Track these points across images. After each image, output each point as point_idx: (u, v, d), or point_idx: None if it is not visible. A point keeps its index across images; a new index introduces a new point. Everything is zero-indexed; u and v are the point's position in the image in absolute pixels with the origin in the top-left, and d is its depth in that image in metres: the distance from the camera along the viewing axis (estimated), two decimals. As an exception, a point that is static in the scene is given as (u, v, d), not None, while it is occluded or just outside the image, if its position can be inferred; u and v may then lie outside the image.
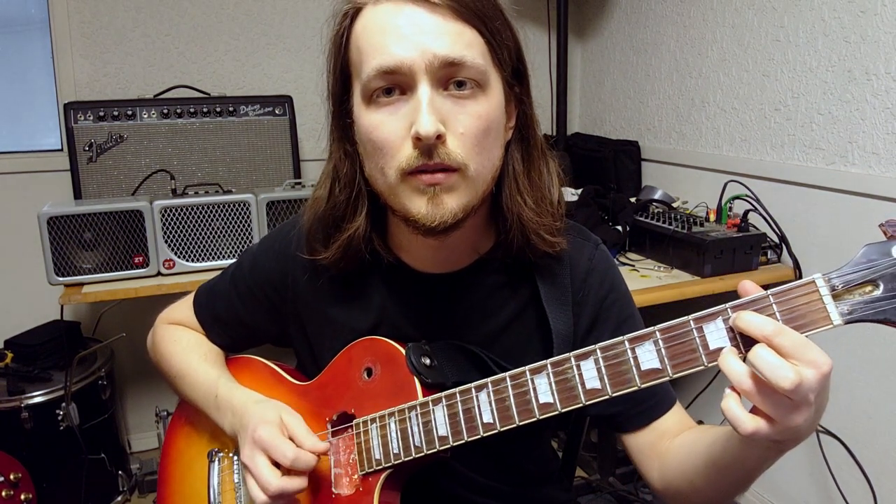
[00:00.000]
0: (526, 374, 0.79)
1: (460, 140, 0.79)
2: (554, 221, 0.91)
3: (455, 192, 0.80)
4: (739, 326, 0.65)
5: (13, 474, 2.06)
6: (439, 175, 0.79)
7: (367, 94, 0.81)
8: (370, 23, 0.81)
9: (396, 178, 0.80)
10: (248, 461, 0.91)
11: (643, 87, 2.76)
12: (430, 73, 0.77)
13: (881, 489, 1.90)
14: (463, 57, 0.78)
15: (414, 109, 0.78)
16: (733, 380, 0.64)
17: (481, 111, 0.81)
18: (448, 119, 0.78)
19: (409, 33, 0.77)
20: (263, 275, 1.08)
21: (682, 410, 0.98)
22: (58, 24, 2.43)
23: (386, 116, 0.80)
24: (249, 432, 0.92)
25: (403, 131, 0.79)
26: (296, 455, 0.89)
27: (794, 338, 0.62)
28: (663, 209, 2.29)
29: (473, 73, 0.79)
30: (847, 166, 1.92)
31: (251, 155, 2.49)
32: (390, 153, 0.80)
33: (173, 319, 1.20)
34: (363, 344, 0.97)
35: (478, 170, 0.81)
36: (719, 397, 0.66)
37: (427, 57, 0.77)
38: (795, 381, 0.60)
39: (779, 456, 0.74)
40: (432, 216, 0.80)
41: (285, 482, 0.89)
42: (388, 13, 0.79)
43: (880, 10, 1.79)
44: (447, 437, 0.85)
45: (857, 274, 0.64)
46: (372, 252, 0.94)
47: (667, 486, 0.92)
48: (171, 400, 2.48)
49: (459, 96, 0.79)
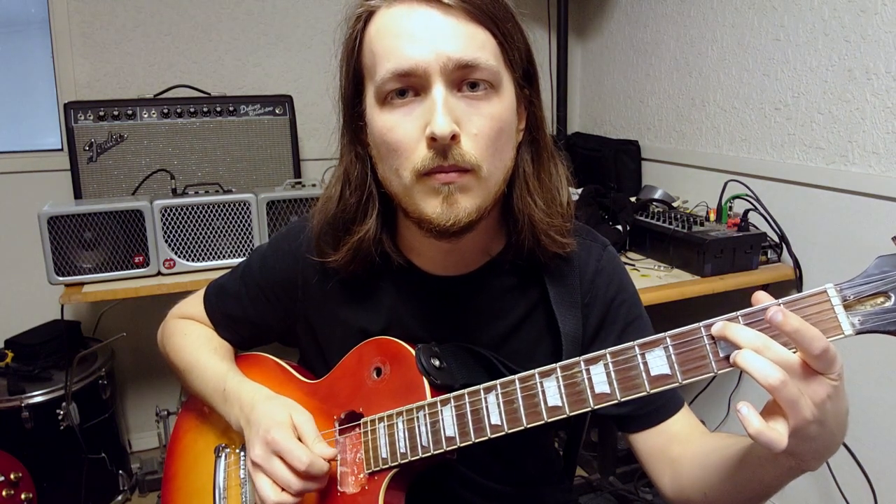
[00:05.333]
0: (535, 377, 0.79)
1: (474, 141, 0.79)
2: (564, 222, 0.92)
3: (469, 193, 0.81)
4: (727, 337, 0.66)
5: (13, 474, 2.06)
6: (453, 174, 0.79)
7: (380, 96, 0.81)
8: (383, 25, 0.81)
9: (411, 179, 0.80)
10: (262, 461, 0.90)
11: (643, 86, 2.76)
12: (445, 74, 0.78)
13: (881, 489, 1.90)
14: (476, 58, 0.78)
15: (428, 110, 0.78)
16: (759, 375, 0.63)
17: (494, 112, 0.81)
18: (462, 120, 0.79)
19: (422, 35, 0.78)
20: (273, 274, 1.08)
21: (691, 414, 0.98)
22: (58, 24, 2.43)
23: (400, 118, 0.80)
24: (261, 433, 0.92)
25: (418, 132, 0.79)
26: (311, 460, 0.88)
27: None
28: (663, 208, 2.30)
29: (486, 74, 0.79)
30: (847, 166, 1.93)
31: (251, 154, 2.48)
32: (405, 154, 0.80)
33: (184, 314, 1.20)
34: (373, 343, 0.97)
35: (490, 171, 0.82)
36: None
37: (441, 59, 0.77)
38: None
39: (797, 474, 0.73)
40: (447, 216, 0.80)
41: (305, 483, 0.89)
42: (401, 15, 0.79)
43: (880, 10, 1.79)
44: (454, 438, 0.85)
45: (870, 285, 0.64)
46: (382, 254, 0.94)
47: (678, 495, 0.91)
48: (172, 399, 2.51)
49: (473, 97, 0.80)
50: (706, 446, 0.89)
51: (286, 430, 0.91)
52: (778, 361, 0.63)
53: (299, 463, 0.88)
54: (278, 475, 0.88)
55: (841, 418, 0.68)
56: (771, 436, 0.63)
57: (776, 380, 0.62)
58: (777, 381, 0.62)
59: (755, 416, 0.63)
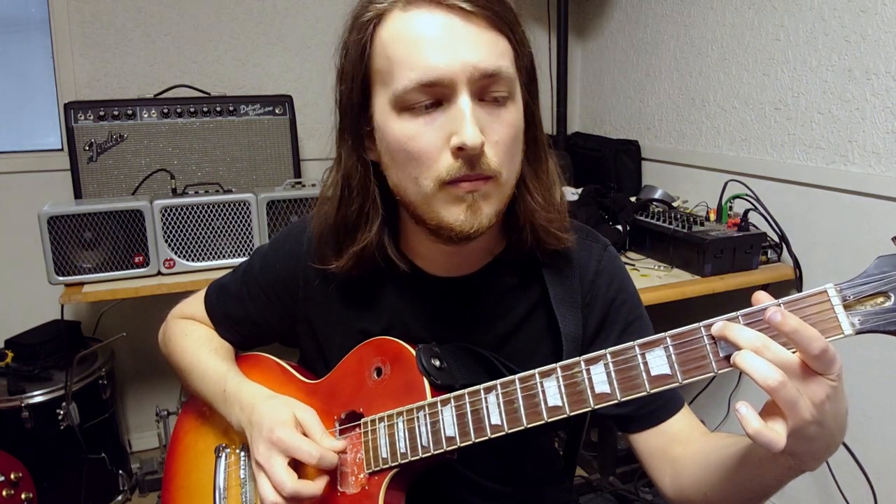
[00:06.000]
0: (535, 377, 0.79)
1: (495, 148, 0.80)
2: (561, 218, 0.93)
3: (490, 199, 0.82)
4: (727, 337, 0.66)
5: (14, 474, 2.06)
6: (479, 182, 0.80)
7: (400, 104, 0.80)
8: (401, 31, 0.79)
9: (434, 187, 0.80)
10: (264, 461, 0.90)
11: (643, 86, 2.76)
12: (470, 84, 0.77)
13: (881, 489, 1.90)
14: (500, 68, 0.79)
15: (454, 120, 0.78)
16: (758, 376, 0.63)
17: (511, 119, 0.82)
18: (485, 128, 0.79)
19: (446, 45, 0.77)
20: (274, 274, 1.08)
21: (691, 414, 0.98)
22: (58, 24, 2.43)
23: (422, 127, 0.79)
24: (265, 432, 0.91)
25: (441, 142, 0.79)
26: (321, 454, 0.88)
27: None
28: (663, 208, 2.30)
29: (506, 83, 0.80)
30: (847, 165, 1.93)
31: (251, 154, 2.48)
32: (427, 163, 0.80)
33: (185, 314, 1.20)
34: (374, 344, 0.97)
35: (508, 176, 0.83)
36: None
37: (468, 69, 0.77)
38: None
39: (796, 475, 0.74)
40: (470, 224, 0.81)
41: (301, 485, 0.88)
42: (421, 22, 0.78)
43: (880, 10, 1.80)
44: (454, 438, 0.85)
45: (870, 285, 0.64)
46: (385, 258, 0.94)
47: (679, 495, 0.91)
48: (172, 399, 2.51)
49: (494, 105, 0.80)
50: (706, 446, 0.89)
51: (290, 427, 0.91)
52: (777, 362, 0.63)
53: (310, 458, 0.88)
54: (275, 474, 0.88)
55: (840, 419, 0.68)
56: (769, 436, 0.63)
57: (774, 381, 0.62)
58: (775, 382, 0.62)
59: (754, 416, 0.63)
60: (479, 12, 0.77)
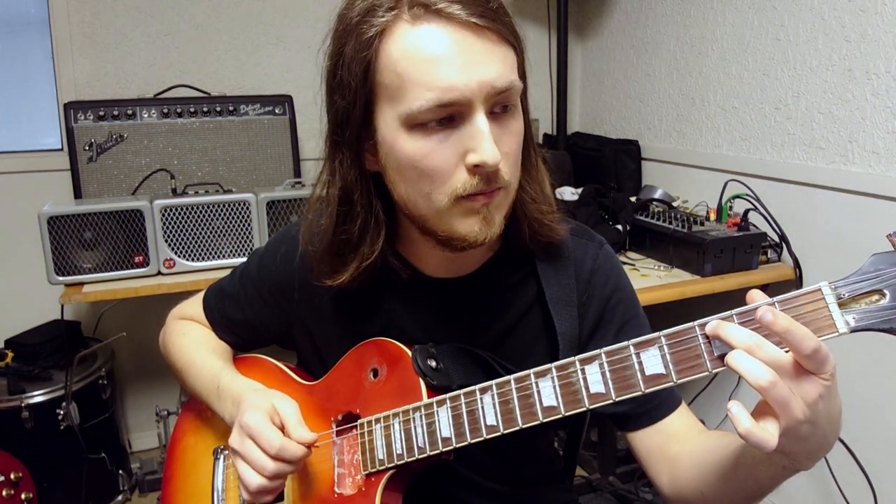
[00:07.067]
0: (531, 377, 0.79)
1: (506, 159, 0.80)
2: (553, 209, 0.93)
3: (500, 208, 0.83)
4: (720, 336, 0.66)
5: (14, 474, 2.06)
6: (493, 194, 0.81)
7: (411, 122, 0.78)
8: (413, 47, 0.76)
9: (448, 202, 0.80)
10: (238, 446, 0.90)
11: (643, 86, 2.76)
12: (486, 102, 0.77)
13: (881, 489, 1.90)
14: (512, 83, 0.78)
15: (469, 137, 0.77)
16: (749, 376, 0.63)
17: (517, 128, 0.83)
18: (497, 142, 0.78)
19: (463, 63, 0.75)
20: (270, 276, 1.08)
21: (689, 412, 0.98)
22: (58, 24, 2.43)
23: (436, 144, 0.78)
24: (238, 418, 0.92)
25: (456, 158, 0.78)
26: (282, 444, 0.87)
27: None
28: (663, 208, 2.30)
29: (515, 93, 0.80)
30: (847, 165, 1.93)
31: (251, 154, 2.49)
32: (441, 180, 0.79)
33: (185, 315, 1.21)
34: (370, 345, 0.97)
35: (515, 183, 0.84)
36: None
37: (485, 88, 0.76)
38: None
39: (791, 474, 0.74)
40: (483, 234, 0.82)
41: (280, 465, 0.88)
42: (433, 38, 0.75)
43: (880, 9, 1.79)
44: (450, 439, 0.85)
45: (864, 283, 0.63)
46: (384, 263, 0.93)
47: (676, 494, 0.91)
48: (172, 399, 2.51)
49: (503, 118, 0.80)
50: (703, 445, 0.89)
51: (262, 413, 0.90)
52: (769, 361, 0.63)
53: (269, 446, 0.87)
54: (251, 457, 0.88)
55: (833, 418, 0.68)
56: (761, 436, 0.63)
57: (765, 381, 0.62)
58: (766, 382, 0.62)
59: (745, 416, 0.63)
60: (490, 26, 0.76)
